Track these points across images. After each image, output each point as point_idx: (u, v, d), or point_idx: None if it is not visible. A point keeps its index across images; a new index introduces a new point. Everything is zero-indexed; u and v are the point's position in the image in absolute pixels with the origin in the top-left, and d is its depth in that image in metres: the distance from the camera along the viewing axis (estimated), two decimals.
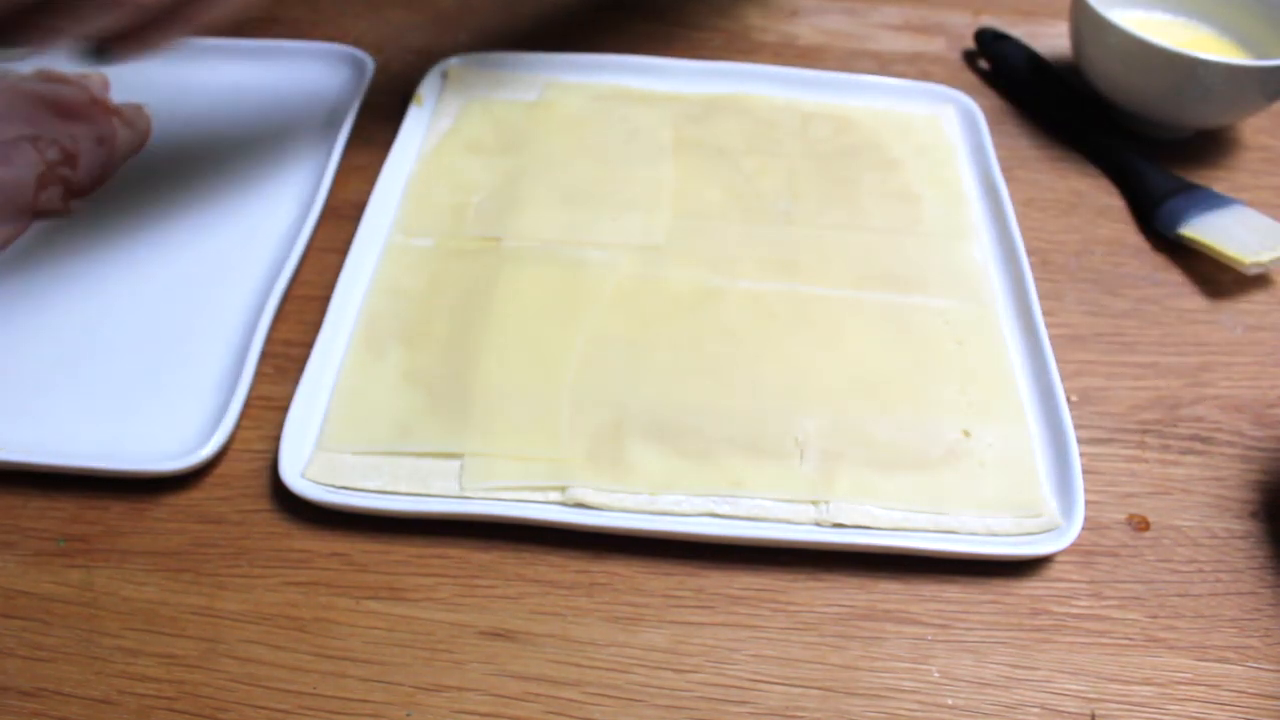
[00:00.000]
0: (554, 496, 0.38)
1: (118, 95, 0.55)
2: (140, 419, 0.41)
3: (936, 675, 0.35)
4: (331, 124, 0.55)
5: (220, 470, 0.40)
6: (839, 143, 0.55)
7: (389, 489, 0.38)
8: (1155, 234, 0.52)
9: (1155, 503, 0.41)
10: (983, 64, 0.64)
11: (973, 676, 0.35)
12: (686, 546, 0.38)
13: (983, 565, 0.38)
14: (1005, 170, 0.54)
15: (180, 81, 0.57)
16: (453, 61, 0.58)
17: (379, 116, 0.56)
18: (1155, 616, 0.37)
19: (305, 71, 0.58)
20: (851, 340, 0.44)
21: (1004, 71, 0.62)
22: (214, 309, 0.45)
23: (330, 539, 0.38)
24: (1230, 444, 0.43)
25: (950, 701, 0.35)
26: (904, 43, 0.65)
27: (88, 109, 0.53)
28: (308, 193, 0.50)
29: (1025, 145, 0.58)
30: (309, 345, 0.43)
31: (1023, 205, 0.53)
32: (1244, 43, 0.58)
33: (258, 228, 0.49)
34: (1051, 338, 0.45)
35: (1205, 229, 0.50)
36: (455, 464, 0.39)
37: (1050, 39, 0.66)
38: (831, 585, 0.38)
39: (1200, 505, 0.41)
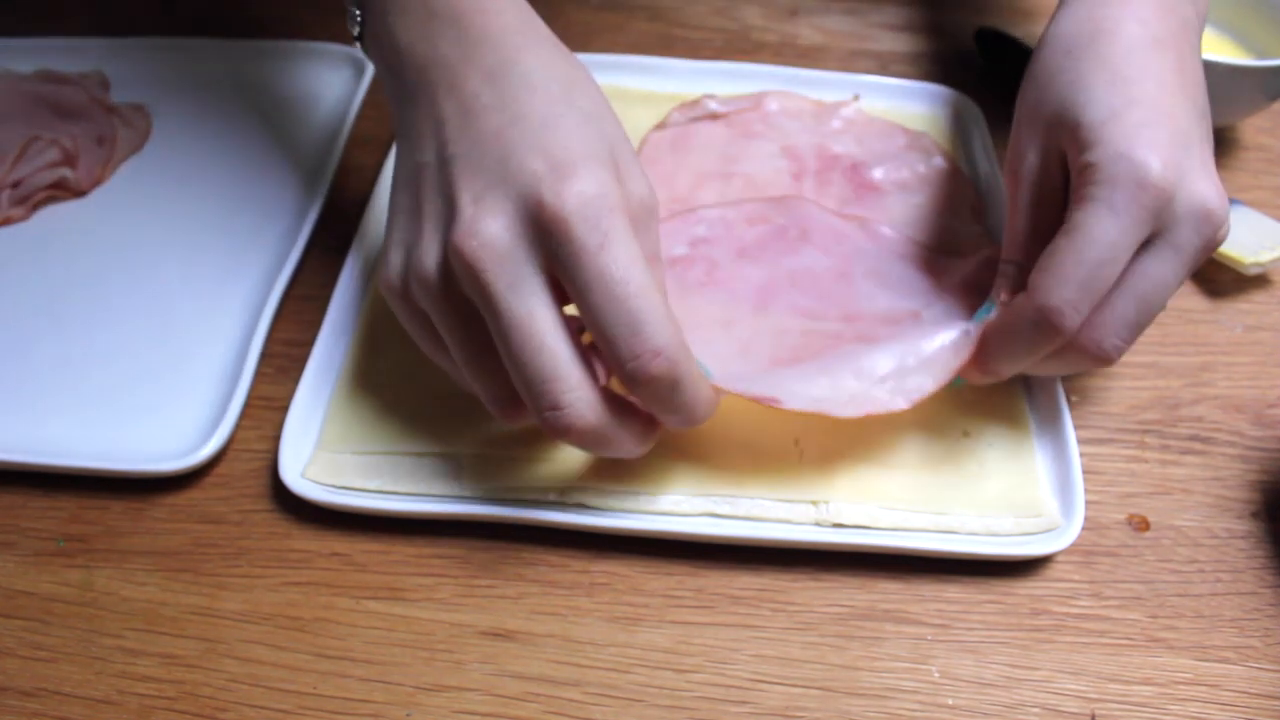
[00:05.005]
0: (554, 496, 0.38)
1: (118, 95, 0.55)
2: (140, 419, 0.41)
3: (936, 675, 0.35)
4: (331, 124, 0.55)
5: (220, 470, 0.40)
6: None
7: (389, 489, 0.39)
8: None
9: (1155, 503, 0.41)
10: (983, 64, 0.64)
11: (973, 676, 0.35)
12: (686, 546, 0.38)
13: (983, 565, 0.38)
14: None
15: (180, 81, 0.57)
16: None
17: (379, 116, 0.56)
18: (1155, 616, 0.37)
19: (305, 71, 0.58)
20: None
21: (1004, 71, 0.62)
22: (214, 309, 0.45)
23: (330, 539, 0.38)
24: (1230, 444, 0.43)
25: (950, 701, 0.35)
26: (904, 43, 0.65)
27: (88, 109, 0.53)
28: (307, 193, 0.50)
29: None
30: (309, 345, 0.43)
31: None
32: (1244, 43, 0.58)
33: (258, 228, 0.49)
34: None
35: None
36: (455, 464, 0.39)
37: None
38: (831, 585, 0.38)
39: (1200, 505, 0.41)
